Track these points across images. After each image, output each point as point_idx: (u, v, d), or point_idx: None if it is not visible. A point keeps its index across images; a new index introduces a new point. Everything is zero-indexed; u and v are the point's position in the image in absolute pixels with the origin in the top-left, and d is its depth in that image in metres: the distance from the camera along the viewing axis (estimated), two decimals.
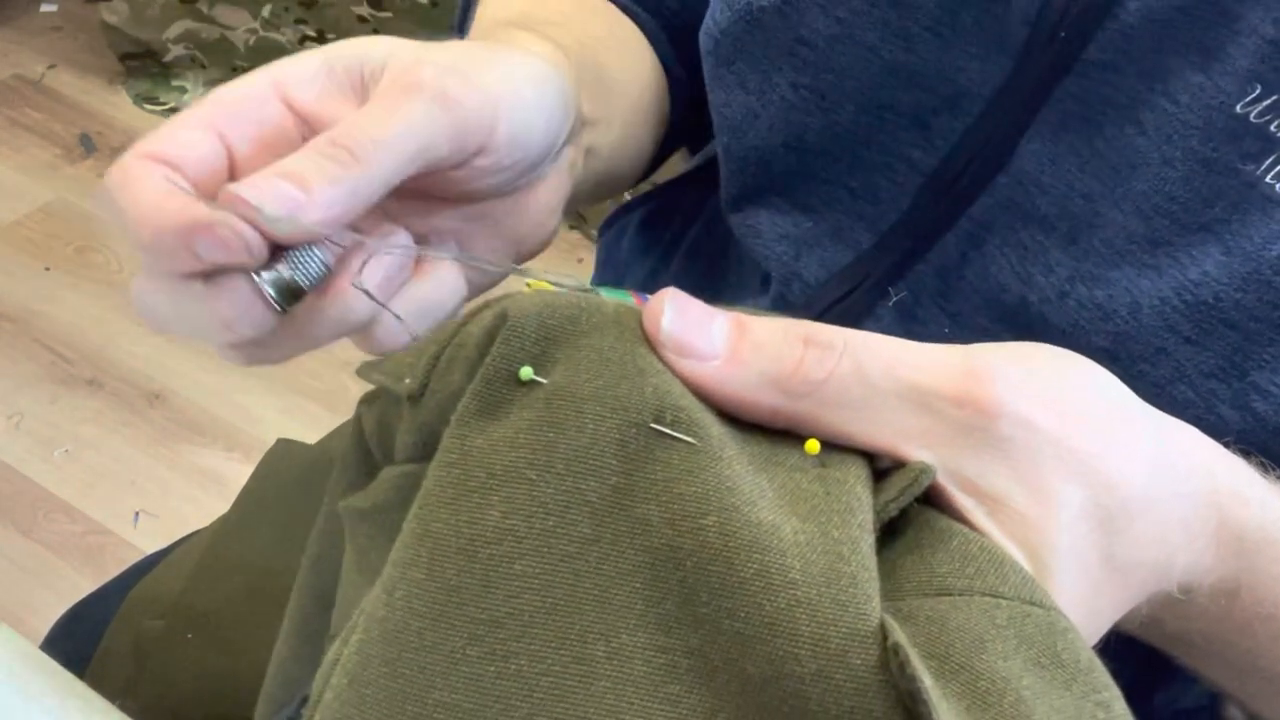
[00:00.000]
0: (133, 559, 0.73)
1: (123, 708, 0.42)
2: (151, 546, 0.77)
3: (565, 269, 0.35)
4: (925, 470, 0.30)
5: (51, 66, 2.15)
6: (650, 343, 0.31)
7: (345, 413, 0.35)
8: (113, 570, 0.76)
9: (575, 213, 1.90)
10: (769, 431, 0.31)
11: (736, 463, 0.29)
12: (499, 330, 0.31)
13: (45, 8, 2.27)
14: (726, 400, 0.31)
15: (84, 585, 0.93)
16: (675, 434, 0.29)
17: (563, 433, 0.29)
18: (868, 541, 0.29)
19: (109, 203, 0.35)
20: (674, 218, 0.66)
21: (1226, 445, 0.37)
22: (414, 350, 0.33)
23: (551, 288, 0.34)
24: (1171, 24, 0.43)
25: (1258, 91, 0.42)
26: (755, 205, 0.54)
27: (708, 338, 0.31)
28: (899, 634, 0.27)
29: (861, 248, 0.51)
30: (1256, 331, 0.43)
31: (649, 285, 0.64)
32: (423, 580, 0.29)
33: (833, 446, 0.31)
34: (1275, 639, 0.38)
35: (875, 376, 0.31)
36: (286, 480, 0.69)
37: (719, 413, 0.31)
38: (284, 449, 0.73)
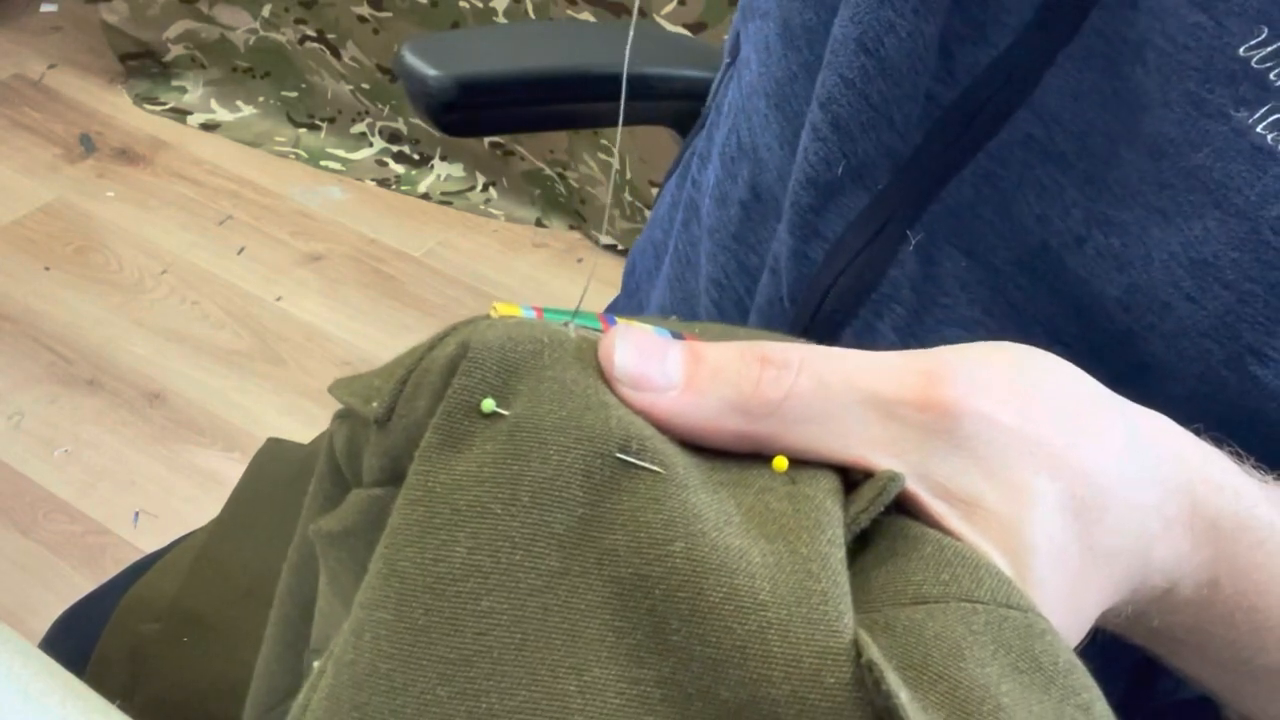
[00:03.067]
0: (133, 559, 0.73)
1: (122, 709, 0.41)
2: (151, 546, 0.77)
3: (565, 269, 0.34)
4: (894, 478, 0.30)
5: (51, 66, 2.15)
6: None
7: None
8: (112, 570, 0.76)
9: (575, 213, 1.90)
10: (735, 457, 0.31)
11: (703, 490, 0.29)
12: (460, 361, 0.30)
13: (45, 8, 2.27)
14: (688, 430, 0.31)
15: (84, 585, 0.93)
16: (641, 463, 0.29)
17: (527, 464, 0.29)
18: (838, 556, 0.28)
19: None
20: (691, 160, 0.66)
21: (1197, 433, 0.36)
22: (382, 372, 0.32)
23: (519, 313, 0.33)
24: None
25: (1264, 35, 0.40)
26: (797, 110, 0.52)
27: (662, 369, 0.31)
28: (873, 650, 0.27)
29: (877, 189, 0.50)
30: (1250, 293, 0.42)
31: (683, 232, 0.65)
32: (390, 621, 0.28)
33: (802, 463, 0.31)
34: (1257, 630, 0.37)
35: (835, 388, 0.31)
36: (278, 481, 0.69)
37: (682, 444, 0.31)
38: (274, 449, 0.72)
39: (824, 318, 0.52)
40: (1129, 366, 0.34)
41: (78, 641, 0.66)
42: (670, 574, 0.28)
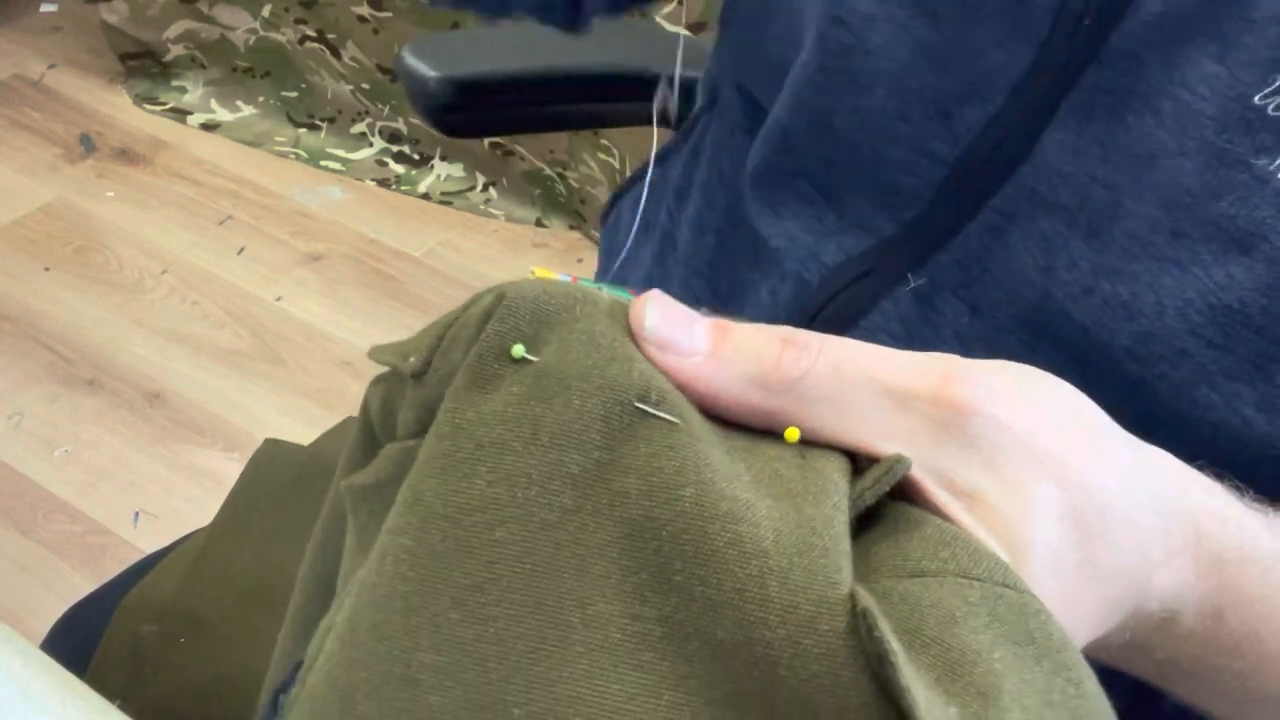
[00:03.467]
0: (133, 559, 0.73)
1: (122, 709, 0.41)
2: (151, 546, 0.77)
3: (565, 269, 0.35)
4: (900, 460, 0.31)
5: (51, 66, 2.15)
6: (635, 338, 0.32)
7: (343, 412, 0.35)
8: (112, 570, 0.76)
9: (575, 213, 1.90)
10: (749, 429, 0.32)
11: (717, 447, 0.30)
12: (495, 309, 0.32)
13: (45, 8, 2.27)
14: (707, 395, 0.32)
15: (84, 585, 0.93)
16: (659, 413, 0.30)
17: (550, 407, 0.30)
18: (841, 520, 0.29)
19: None
20: (667, 193, 0.66)
21: (1200, 468, 0.36)
22: (421, 333, 0.34)
23: (555, 276, 0.34)
24: (1192, 13, 0.42)
25: (1277, 83, 0.41)
26: (778, 185, 0.54)
27: (689, 335, 0.32)
28: (868, 599, 0.27)
29: (884, 235, 0.51)
30: None
31: (656, 265, 0.65)
32: (411, 546, 0.30)
33: (813, 444, 0.32)
34: (1265, 661, 0.37)
35: (852, 375, 0.32)
36: (275, 482, 0.69)
37: (700, 409, 0.32)
38: (272, 449, 0.73)
39: None
40: (1136, 416, 0.35)
41: (78, 642, 0.66)
42: (678, 517, 0.29)
